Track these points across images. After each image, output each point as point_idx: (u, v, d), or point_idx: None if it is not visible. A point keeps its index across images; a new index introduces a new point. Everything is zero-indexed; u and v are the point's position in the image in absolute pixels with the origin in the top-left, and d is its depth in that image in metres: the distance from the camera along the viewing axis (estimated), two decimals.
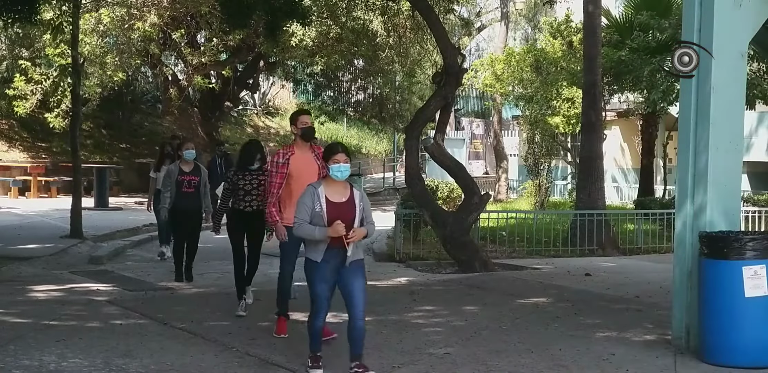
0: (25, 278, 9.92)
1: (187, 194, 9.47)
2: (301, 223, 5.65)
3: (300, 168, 6.82)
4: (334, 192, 5.72)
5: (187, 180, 9.47)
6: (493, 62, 21.81)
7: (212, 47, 20.11)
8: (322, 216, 5.61)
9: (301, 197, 5.75)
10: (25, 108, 19.88)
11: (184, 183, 9.47)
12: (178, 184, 9.45)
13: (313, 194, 5.69)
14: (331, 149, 5.77)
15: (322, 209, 5.62)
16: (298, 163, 6.83)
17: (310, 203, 5.64)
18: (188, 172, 9.52)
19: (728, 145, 6.58)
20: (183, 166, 9.56)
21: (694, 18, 6.64)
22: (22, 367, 5.87)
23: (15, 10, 11.63)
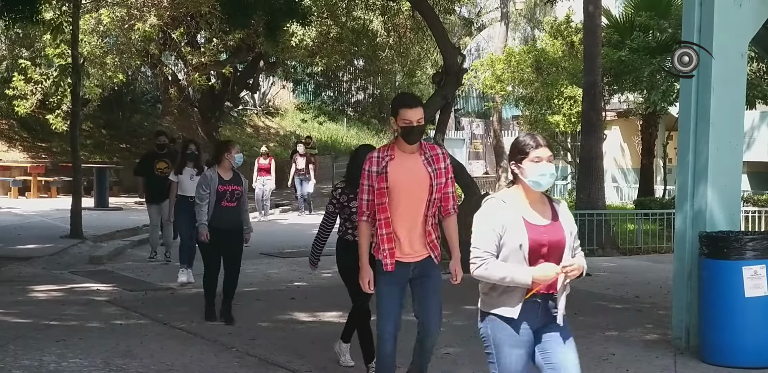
0: (25, 278, 9.92)
1: (228, 208, 7.58)
2: (485, 259, 3.69)
3: (401, 180, 4.81)
4: (531, 209, 3.82)
5: (230, 191, 7.60)
6: (493, 62, 21.80)
7: (212, 47, 20.12)
8: (521, 249, 3.68)
9: (480, 218, 3.80)
10: (25, 108, 19.88)
11: (225, 195, 7.56)
12: (218, 196, 7.53)
13: (500, 214, 3.75)
14: (526, 142, 3.84)
15: (523, 238, 3.70)
16: (398, 173, 4.81)
17: (500, 228, 3.72)
18: (229, 181, 7.64)
19: (728, 145, 6.58)
20: (222, 173, 7.66)
21: (694, 18, 6.64)
22: (22, 367, 5.87)
23: (15, 11, 11.63)
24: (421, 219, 4.85)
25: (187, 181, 9.68)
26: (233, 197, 7.60)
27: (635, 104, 20.29)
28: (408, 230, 4.84)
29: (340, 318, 7.80)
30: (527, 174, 3.79)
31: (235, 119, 32.44)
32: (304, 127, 35.36)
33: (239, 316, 7.59)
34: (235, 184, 7.68)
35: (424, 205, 4.83)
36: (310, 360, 6.23)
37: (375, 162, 4.85)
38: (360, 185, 4.91)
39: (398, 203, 4.81)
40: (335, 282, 10.22)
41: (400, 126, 4.81)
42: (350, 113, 28.79)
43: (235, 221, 7.64)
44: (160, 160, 11.31)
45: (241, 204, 7.70)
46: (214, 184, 7.54)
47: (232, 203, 7.59)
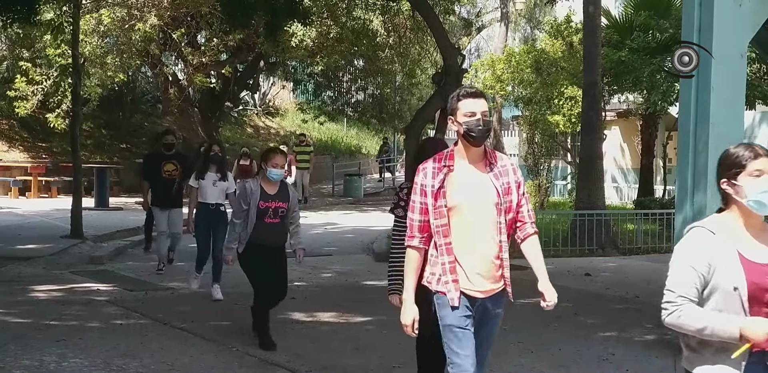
0: (25, 278, 9.92)
1: (271, 225, 6.66)
2: (680, 305, 2.93)
3: (464, 196, 3.89)
4: (751, 241, 2.98)
5: (273, 208, 6.64)
6: (494, 63, 21.81)
7: (212, 47, 20.11)
8: (736, 293, 2.89)
9: (680, 253, 3.03)
10: (25, 108, 19.89)
11: (268, 212, 6.62)
12: (258, 212, 6.61)
13: (707, 248, 2.95)
14: (740, 153, 3.13)
15: (739, 279, 2.88)
16: (461, 188, 3.89)
17: (704, 267, 2.93)
18: (273, 197, 6.65)
19: (728, 145, 6.53)
20: (265, 185, 6.67)
21: (694, 18, 6.65)
22: (22, 367, 5.87)
23: (13, 11, 11.63)
24: (491, 245, 3.93)
25: (209, 187, 8.76)
26: (276, 215, 6.65)
27: (635, 104, 20.29)
28: (474, 259, 3.91)
29: (340, 318, 7.82)
30: (745, 193, 2.97)
31: (235, 119, 32.45)
32: (304, 128, 35.37)
33: (239, 316, 7.59)
34: (280, 200, 6.65)
35: (495, 228, 3.92)
36: (310, 360, 6.23)
37: (430, 174, 3.91)
38: (410, 202, 4.01)
39: (461, 225, 3.88)
40: (335, 282, 10.26)
41: (463, 122, 3.84)
42: (350, 113, 28.78)
43: (279, 238, 6.76)
44: (167, 161, 10.34)
45: (286, 219, 6.76)
46: (255, 200, 6.55)
47: (276, 219, 6.65)
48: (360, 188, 26.79)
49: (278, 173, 6.62)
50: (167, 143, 10.49)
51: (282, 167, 6.62)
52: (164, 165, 10.33)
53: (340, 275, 10.81)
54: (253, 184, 6.64)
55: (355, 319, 7.88)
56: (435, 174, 3.90)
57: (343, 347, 6.60)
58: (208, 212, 8.80)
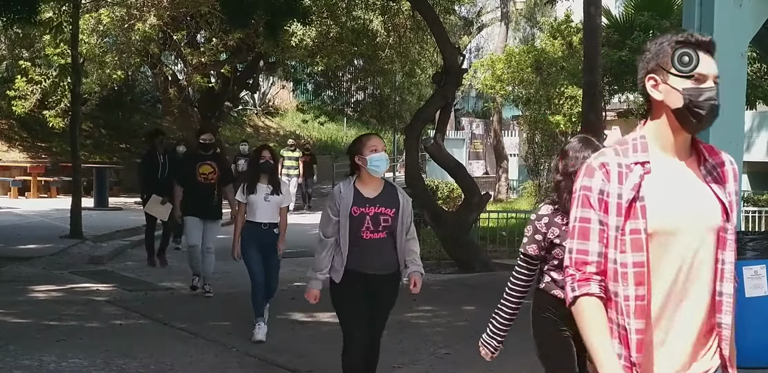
0: (25, 278, 9.92)
1: (373, 244, 4.68)
2: None
3: (675, 213, 2.32)
4: None
5: (373, 215, 4.66)
6: (494, 62, 21.81)
7: (212, 47, 20.11)
8: None
9: None
10: (24, 108, 19.89)
11: (364, 221, 4.64)
12: (353, 223, 4.63)
13: None
14: None
15: None
16: (668, 199, 2.32)
17: None
18: (373, 200, 4.70)
19: (728, 145, 6.57)
20: (362, 186, 4.74)
21: (694, 18, 6.64)
22: (22, 367, 5.87)
23: (15, 11, 11.63)
24: (706, 298, 2.37)
25: (260, 202, 7.06)
26: (378, 226, 4.62)
27: (635, 104, 20.29)
28: (677, 321, 2.35)
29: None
30: None
31: (235, 119, 32.46)
32: (304, 127, 35.38)
33: (239, 316, 7.59)
34: (384, 204, 4.68)
35: (713, 266, 2.36)
36: (310, 360, 6.23)
37: (615, 175, 2.33)
38: (571, 220, 2.39)
39: (665, 264, 2.32)
40: None
41: (683, 90, 2.37)
42: (350, 113, 28.77)
43: (387, 263, 4.74)
44: (204, 163, 8.81)
45: (397, 234, 4.73)
46: (346, 206, 4.62)
47: (379, 234, 4.64)
48: None
49: (381, 161, 4.66)
50: (204, 143, 8.90)
51: (375, 149, 4.70)
52: (200, 167, 8.78)
53: None
54: (343, 186, 4.74)
55: None
56: (623, 176, 2.31)
57: None
58: (258, 233, 7.04)
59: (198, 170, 8.78)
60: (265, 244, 7.08)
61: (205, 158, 8.86)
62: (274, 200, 7.13)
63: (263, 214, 7.08)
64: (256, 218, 7.08)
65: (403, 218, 4.76)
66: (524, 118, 22.95)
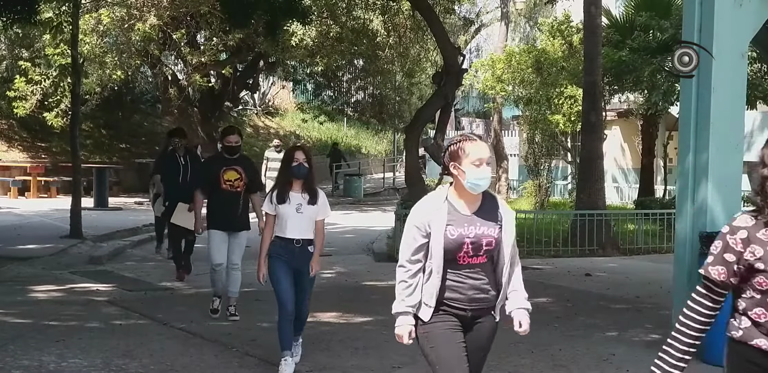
0: (25, 278, 9.92)
1: (471, 271, 3.76)
2: None
3: None
4: None
5: (472, 242, 3.72)
6: (494, 62, 21.81)
7: (212, 47, 20.10)
8: None
9: None
10: (24, 108, 19.89)
11: (463, 248, 3.71)
12: (449, 250, 3.69)
13: None
14: None
15: None
16: None
17: None
18: (474, 220, 3.75)
19: (729, 145, 6.58)
20: (457, 201, 3.78)
21: (694, 18, 6.64)
22: (22, 367, 5.86)
23: (14, 11, 11.62)
24: None
25: (292, 214, 5.94)
26: (480, 250, 3.71)
27: (636, 104, 20.29)
28: None
29: (340, 318, 7.82)
30: None
31: (235, 119, 32.42)
32: (304, 127, 35.37)
33: (240, 316, 7.58)
34: (486, 222, 3.75)
35: None
36: (310, 360, 6.22)
37: None
38: None
39: None
40: (335, 283, 10.25)
41: None
42: (350, 113, 28.77)
43: (486, 295, 3.79)
44: (229, 168, 7.70)
45: (500, 260, 3.79)
46: (440, 227, 3.67)
47: (478, 258, 3.73)
48: (360, 188, 26.79)
49: (484, 180, 3.71)
50: (229, 146, 7.75)
51: (481, 162, 3.70)
52: (225, 173, 7.68)
53: (340, 275, 10.80)
54: (433, 199, 3.78)
55: (355, 319, 7.87)
56: None
57: (343, 347, 6.59)
58: (289, 251, 5.94)
59: (222, 177, 7.65)
60: (297, 262, 5.95)
61: (230, 163, 7.71)
62: (308, 212, 5.95)
63: (295, 228, 5.94)
64: (287, 232, 5.94)
65: (507, 238, 3.79)
66: (524, 118, 22.95)
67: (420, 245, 3.71)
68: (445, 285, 3.69)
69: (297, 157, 5.96)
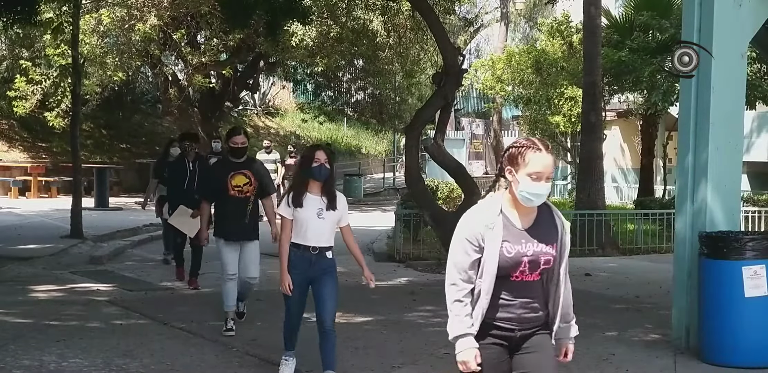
0: (25, 278, 9.92)
1: (523, 288, 3.45)
2: None
3: None
4: None
5: (531, 259, 3.39)
6: (494, 63, 21.82)
7: (212, 47, 20.11)
8: None
9: None
10: (24, 108, 19.91)
11: (520, 266, 3.39)
12: (503, 267, 3.37)
13: None
14: None
15: None
16: None
17: None
18: (530, 235, 3.42)
19: (728, 145, 6.58)
20: (512, 214, 3.43)
21: (694, 18, 6.64)
22: (22, 367, 5.87)
23: (14, 11, 11.63)
24: None
25: (311, 219, 5.51)
26: (537, 268, 3.39)
27: (635, 104, 20.30)
28: None
29: (340, 318, 7.79)
30: None
31: (235, 119, 32.43)
32: (304, 128, 35.37)
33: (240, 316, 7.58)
34: (544, 237, 3.40)
35: None
36: (310, 360, 6.22)
37: None
38: None
39: None
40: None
41: None
42: (350, 113, 28.78)
43: (537, 314, 3.46)
44: (237, 173, 7.11)
45: (555, 277, 3.45)
46: (495, 243, 3.34)
47: (533, 276, 3.41)
48: (360, 188, 26.80)
49: (541, 196, 3.35)
50: (235, 147, 7.17)
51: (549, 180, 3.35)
52: (233, 178, 7.09)
53: (340, 275, 10.67)
54: (486, 210, 3.41)
55: (355, 319, 7.88)
56: None
57: (343, 347, 6.59)
58: (306, 260, 5.57)
59: (230, 182, 7.05)
60: (314, 273, 5.57)
61: (237, 167, 7.11)
62: (330, 217, 5.52)
63: (315, 235, 5.50)
64: (306, 239, 5.50)
65: (563, 252, 3.44)
66: (524, 119, 22.95)
67: (474, 261, 3.37)
68: (494, 304, 3.38)
69: (318, 157, 5.48)
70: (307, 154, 5.56)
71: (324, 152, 5.53)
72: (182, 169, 9.41)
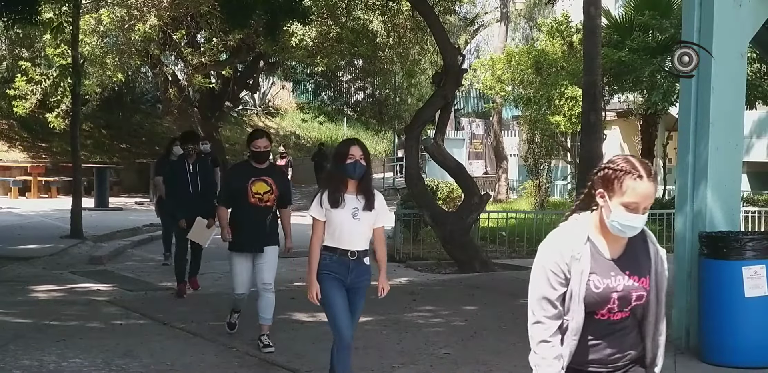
0: (25, 278, 9.92)
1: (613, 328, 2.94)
2: None
3: None
4: None
5: (620, 296, 2.88)
6: (494, 63, 21.82)
7: (212, 47, 20.12)
8: None
9: None
10: (24, 108, 19.92)
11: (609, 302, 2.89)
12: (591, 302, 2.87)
13: None
14: None
15: None
16: None
17: None
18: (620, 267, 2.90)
19: (728, 145, 6.58)
20: (600, 239, 2.92)
21: (694, 18, 6.65)
22: (22, 367, 5.87)
23: (15, 11, 11.63)
24: None
25: (346, 220, 5.03)
26: (628, 304, 2.91)
27: (635, 104, 20.31)
28: None
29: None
30: None
31: (235, 119, 32.46)
32: (303, 128, 35.39)
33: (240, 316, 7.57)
34: (637, 269, 2.92)
35: None
36: (310, 360, 6.23)
37: None
38: None
39: None
40: None
41: None
42: (350, 113, 28.80)
43: (630, 357, 3.00)
44: (258, 179, 6.53)
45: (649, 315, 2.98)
46: (582, 276, 2.87)
47: (623, 313, 2.93)
48: None
49: (635, 229, 2.83)
50: (257, 151, 6.56)
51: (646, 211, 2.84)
52: (253, 185, 6.51)
53: None
54: (571, 236, 2.91)
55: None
56: None
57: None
58: (343, 265, 5.06)
59: (250, 189, 6.48)
60: (352, 281, 5.07)
61: (259, 173, 6.53)
62: (366, 218, 5.04)
63: (351, 237, 5.03)
64: (342, 242, 5.03)
65: (658, 285, 2.97)
66: (524, 119, 22.96)
67: (560, 295, 2.92)
68: (581, 345, 2.94)
69: (353, 153, 4.98)
70: (341, 150, 5.05)
71: (359, 147, 5.04)
72: (181, 171, 8.98)
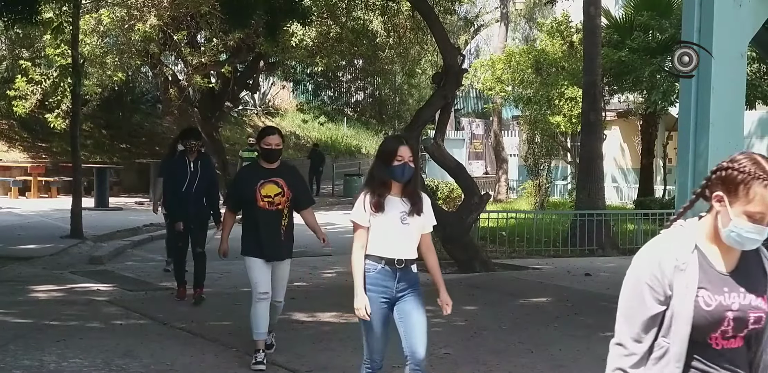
0: (25, 278, 9.92)
1: (726, 358, 2.42)
2: None
3: None
4: None
5: (736, 317, 2.40)
6: (493, 63, 21.83)
7: (212, 47, 20.13)
8: None
9: None
10: (24, 108, 19.92)
11: (722, 324, 2.39)
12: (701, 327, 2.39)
13: None
14: None
15: None
16: None
17: None
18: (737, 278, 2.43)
19: (728, 145, 6.58)
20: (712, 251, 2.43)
21: (694, 18, 6.64)
22: (22, 367, 5.87)
23: (15, 11, 11.63)
24: None
25: (393, 226, 4.59)
26: (743, 328, 2.41)
27: (635, 104, 20.32)
28: None
29: (340, 318, 7.81)
30: None
31: (235, 119, 32.46)
32: (304, 128, 35.38)
33: (239, 316, 7.58)
34: (754, 286, 2.43)
35: None
36: (310, 360, 6.23)
37: None
38: None
39: None
40: (335, 282, 10.25)
41: None
42: (350, 113, 28.81)
43: None
44: (267, 181, 6.09)
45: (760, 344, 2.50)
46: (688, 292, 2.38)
47: (735, 341, 2.43)
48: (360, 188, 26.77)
49: (755, 238, 2.36)
50: (267, 149, 6.12)
51: None
52: (262, 187, 6.06)
53: (340, 275, 10.80)
54: (677, 247, 2.42)
55: (355, 319, 7.81)
56: None
57: (343, 347, 6.59)
58: (388, 276, 4.69)
59: (259, 192, 6.02)
60: (399, 293, 4.67)
61: (268, 174, 6.08)
62: (415, 224, 4.58)
63: (398, 244, 4.57)
64: (388, 250, 4.57)
65: None
66: (524, 119, 22.97)
67: (654, 315, 2.40)
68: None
69: (401, 154, 4.47)
70: (388, 150, 4.53)
71: (409, 148, 4.51)
72: (182, 169, 8.49)
